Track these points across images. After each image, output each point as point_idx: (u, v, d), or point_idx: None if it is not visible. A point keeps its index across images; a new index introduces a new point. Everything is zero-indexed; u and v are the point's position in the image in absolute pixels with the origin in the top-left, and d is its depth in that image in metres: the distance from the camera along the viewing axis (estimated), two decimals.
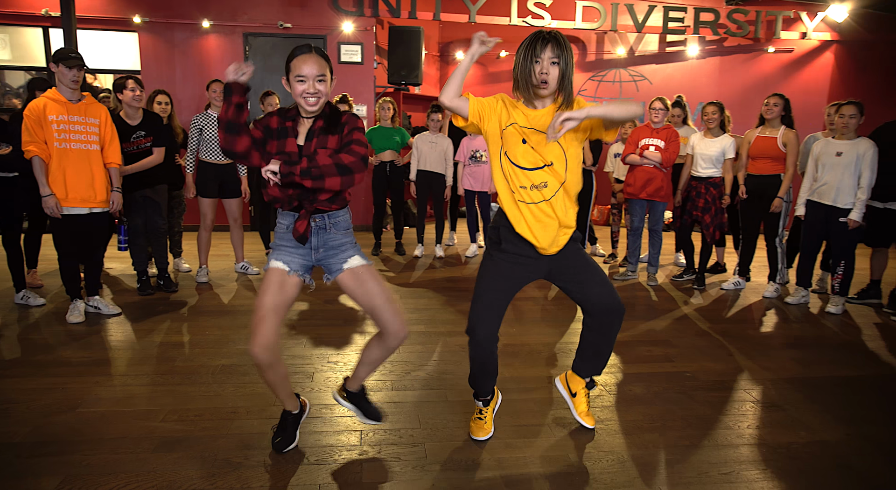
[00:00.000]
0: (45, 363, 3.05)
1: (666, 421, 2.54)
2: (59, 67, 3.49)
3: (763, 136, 4.58)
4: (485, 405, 2.39)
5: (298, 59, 1.96)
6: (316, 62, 1.96)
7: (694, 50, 8.17)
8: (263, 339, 1.99)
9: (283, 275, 2.06)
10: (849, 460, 2.26)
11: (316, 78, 1.96)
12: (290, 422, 2.26)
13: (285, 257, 2.09)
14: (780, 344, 3.59)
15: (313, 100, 1.98)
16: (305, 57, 1.96)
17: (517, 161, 2.10)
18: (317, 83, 1.96)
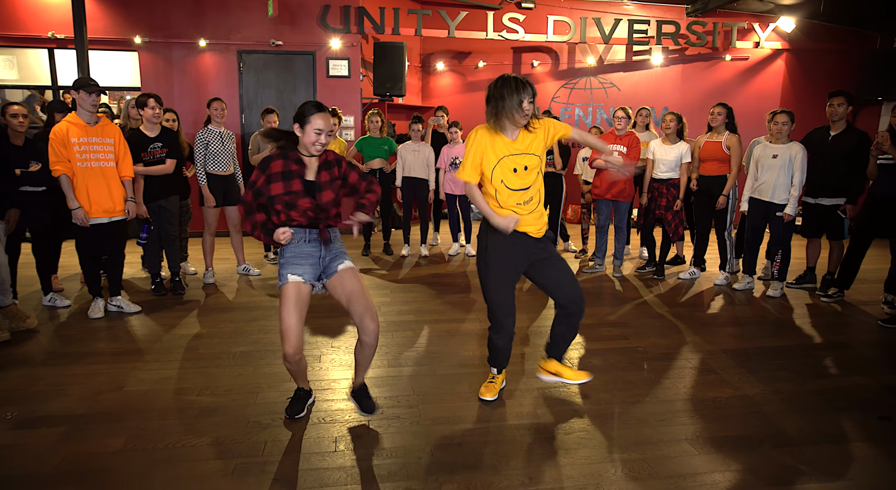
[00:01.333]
0: (83, 353, 3.50)
1: (618, 385, 3.08)
2: (79, 94, 3.94)
3: (710, 141, 5.16)
4: (498, 372, 2.95)
5: (319, 115, 2.45)
6: (328, 119, 2.48)
7: (658, 58, 8.78)
8: (294, 343, 2.44)
9: (300, 286, 2.49)
10: (761, 408, 2.82)
11: (327, 132, 2.49)
12: (302, 396, 2.76)
13: (299, 270, 2.52)
14: (722, 323, 4.15)
15: (320, 147, 2.50)
16: (325, 115, 2.46)
17: (511, 186, 2.66)
18: (327, 136, 2.49)
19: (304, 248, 2.55)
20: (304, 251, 2.55)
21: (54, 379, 3.13)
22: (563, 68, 9.03)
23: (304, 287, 2.50)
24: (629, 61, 8.93)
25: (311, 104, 2.47)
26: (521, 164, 2.65)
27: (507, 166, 2.64)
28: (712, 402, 2.88)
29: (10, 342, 3.65)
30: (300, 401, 2.75)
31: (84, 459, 2.37)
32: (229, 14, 7.20)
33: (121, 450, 2.44)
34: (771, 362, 3.39)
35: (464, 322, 4.11)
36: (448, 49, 9.22)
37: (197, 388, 3.03)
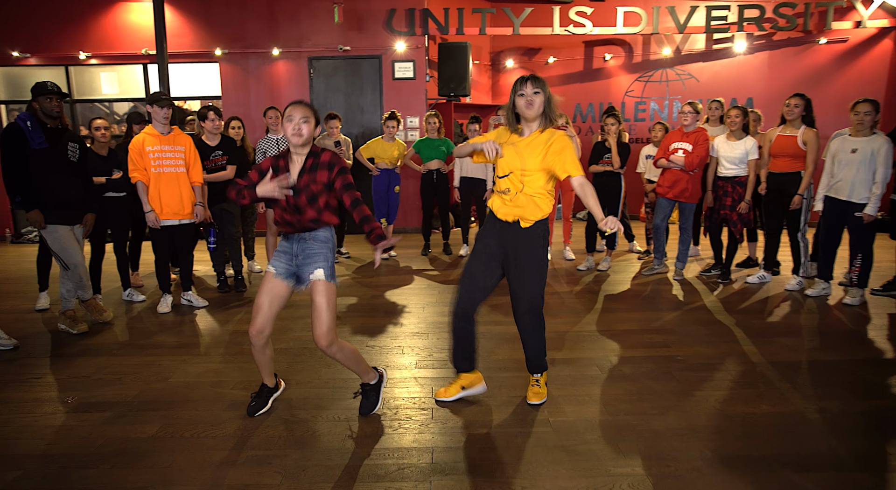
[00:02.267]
0: (145, 345, 3.84)
1: (642, 395, 2.95)
2: (153, 108, 4.32)
3: (783, 135, 4.78)
4: (458, 372, 2.96)
5: (290, 107, 2.54)
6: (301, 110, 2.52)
7: (741, 46, 8.22)
8: (259, 325, 2.64)
9: (271, 276, 2.65)
10: (795, 427, 2.60)
11: (301, 119, 2.51)
12: (265, 393, 2.88)
13: (275, 263, 2.68)
14: (780, 332, 3.85)
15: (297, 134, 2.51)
16: (298, 105, 2.54)
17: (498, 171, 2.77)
18: (302, 124, 2.51)
19: (282, 243, 2.69)
20: (282, 246, 2.68)
21: (115, 368, 3.46)
22: (638, 61, 8.68)
23: (275, 278, 2.63)
24: (709, 50, 8.43)
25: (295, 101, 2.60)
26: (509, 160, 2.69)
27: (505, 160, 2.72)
28: (741, 417, 2.69)
29: (88, 333, 4.06)
30: (262, 398, 2.87)
31: (120, 442, 2.61)
32: (300, 23, 7.55)
33: (153, 436, 2.66)
34: (822, 377, 3.11)
35: (500, 325, 4.08)
36: (518, 46, 9.13)
37: (232, 381, 3.24)
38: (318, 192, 2.56)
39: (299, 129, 2.51)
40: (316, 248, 2.61)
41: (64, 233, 3.97)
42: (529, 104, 2.61)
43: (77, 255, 4.00)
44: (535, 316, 2.77)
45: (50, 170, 3.90)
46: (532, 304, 2.74)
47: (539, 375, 2.91)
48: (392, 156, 6.22)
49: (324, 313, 2.55)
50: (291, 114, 2.52)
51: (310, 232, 2.61)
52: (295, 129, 2.50)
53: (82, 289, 4.14)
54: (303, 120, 2.51)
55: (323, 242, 2.62)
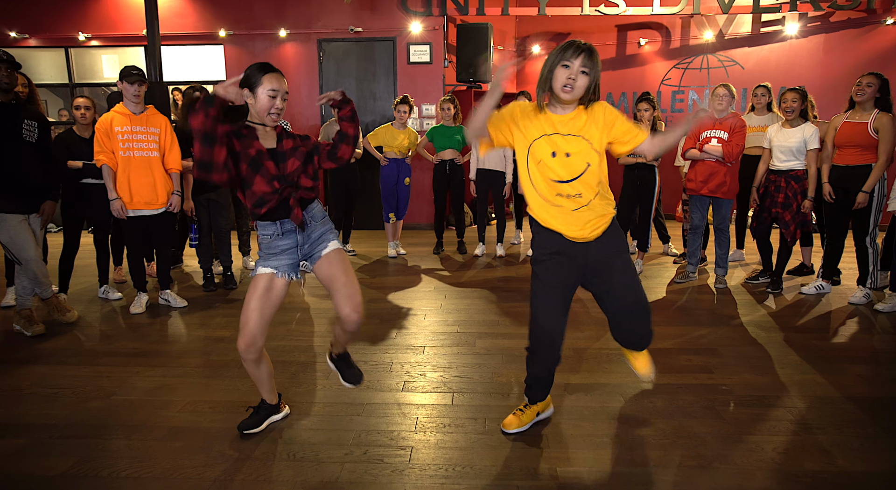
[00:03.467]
0: (101, 353, 3.35)
1: (678, 438, 2.33)
2: (123, 84, 3.83)
3: (851, 122, 4.05)
4: (531, 402, 2.41)
5: (271, 75, 2.08)
6: (284, 81, 2.13)
7: (793, 28, 7.41)
8: (249, 337, 2.18)
9: (271, 279, 2.19)
10: None
11: (283, 95, 2.11)
12: (264, 410, 2.42)
13: (273, 262, 2.20)
14: (850, 357, 3.16)
15: (277, 115, 2.13)
16: (278, 76, 2.10)
17: (549, 174, 2.10)
18: (283, 100, 2.12)
19: (277, 242, 2.19)
20: (279, 246, 2.19)
21: (55, 381, 2.97)
22: (676, 46, 7.94)
23: (276, 280, 2.20)
24: (756, 34, 7.64)
25: (257, 66, 2.11)
26: (564, 148, 2.06)
27: (545, 149, 2.08)
28: (812, 478, 2.05)
29: (45, 336, 3.61)
30: (259, 415, 2.41)
31: (21, 482, 2.10)
32: (309, 2, 7.05)
33: (62, 474, 2.15)
34: None
35: (511, 338, 3.49)
36: (545, 30, 8.47)
37: (183, 401, 2.72)
38: (307, 156, 2.21)
39: (282, 108, 2.14)
40: (319, 228, 2.25)
41: (15, 223, 3.51)
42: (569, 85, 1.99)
43: (29, 248, 3.53)
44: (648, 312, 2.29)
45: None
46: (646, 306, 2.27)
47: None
48: (402, 144, 5.65)
49: (352, 280, 2.21)
50: (276, 86, 2.09)
51: (306, 208, 2.21)
52: (279, 108, 2.12)
53: (39, 286, 3.67)
54: (283, 96, 2.13)
55: (322, 219, 2.28)
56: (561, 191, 2.09)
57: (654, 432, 2.37)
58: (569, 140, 2.07)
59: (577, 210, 2.09)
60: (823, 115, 5.61)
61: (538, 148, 2.09)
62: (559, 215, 2.11)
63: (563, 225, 2.11)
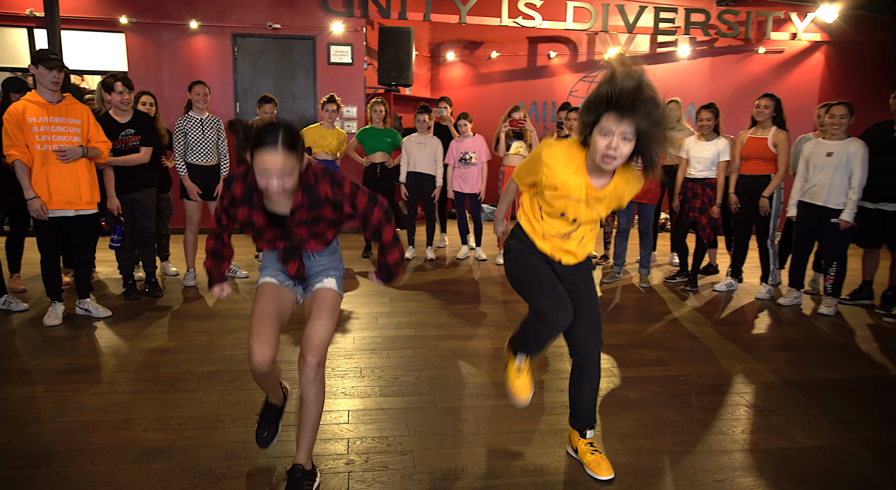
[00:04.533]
0: (24, 371, 2.98)
1: (659, 426, 2.50)
2: (38, 69, 3.43)
3: (754, 137, 4.56)
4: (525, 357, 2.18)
5: (265, 153, 1.71)
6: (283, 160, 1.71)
7: (685, 50, 8.17)
8: (264, 352, 1.89)
9: (274, 286, 2.04)
10: (845, 466, 2.23)
11: (280, 175, 1.73)
12: (273, 415, 2.21)
13: (277, 275, 2.05)
14: (772, 346, 3.56)
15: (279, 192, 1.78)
16: (273, 154, 1.70)
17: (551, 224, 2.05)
18: (285, 179, 1.75)
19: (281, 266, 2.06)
20: (284, 270, 2.06)
21: None
22: (582, 60, 8.45)
23: (282, 287, 2.03)
24: (653, 53, 8.34)
25: (262, 130, 1.72)
26: (575, 214, 1.99)
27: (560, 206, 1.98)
28: (781, 454, 2.30)
29: None
30: (272, 423, 2.18)
31: None
32: None
33: None
34: (844, 401, 2.80)
35: (472, 339, 3.54)
36: (459, 38, 8.67)
37: (146, 419, 2.49)
38: (322, 230, 1.97)
39: (280, 187, 1.75)
40: (323, 262, 2.07)
41: None
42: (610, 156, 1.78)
43: None
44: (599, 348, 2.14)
45: None
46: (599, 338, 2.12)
47: (592, 433, 2.21)
48: (331, 145, 5.51)
49: (326, 319, 1.94)
50: (265, 166, 1.71)
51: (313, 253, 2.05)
52: (276, 188, 1.74)
53: None
54: (285, 174, 1.73)
55: (331, 255, 2.08)
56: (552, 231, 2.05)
57: (635, 423, 2.53)
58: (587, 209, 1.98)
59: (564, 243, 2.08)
60: None
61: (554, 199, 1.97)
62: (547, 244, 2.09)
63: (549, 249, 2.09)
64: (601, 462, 2.11)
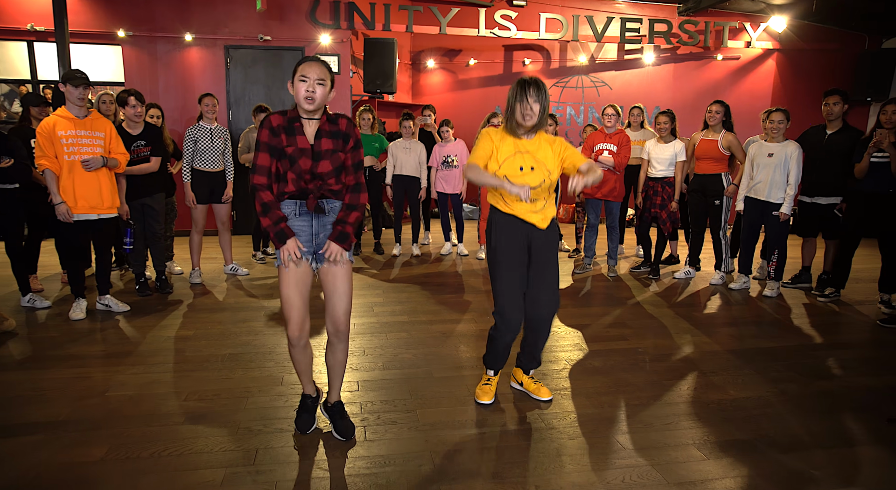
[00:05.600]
0: (64, 357, 3.36)
1: (620, 387, 3.00)
2: (66, 87, 3.81)
3: (706, 139, 5.11)
4: (494, 374, 2.88)
5: (304, 64, 2.22)
6: (319, 69, 2.22)
7: (650, 57, 8.75)
8: (298, 322, 2.32)
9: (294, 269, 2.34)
10: (766, 411, 2.75)
11: (316, 81, 2.20)
12: (311, 405, 2.55)
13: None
14: (720, 323, 4.10)
15: (310, 100, 2.20)
16: (313, 63, 2.23)
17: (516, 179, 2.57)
18: (317, 85, 2.20)
19: (294, 222, 2.34)
20: (297, 224, 2.34)
21: (33, 384, 2.99)
22: (555, 67, 8.98)
23: (301, 263, 2.31)
24: (621, 60, 8.89)
25: (307, 56, 2.30)
26: (528, 163, 2.59)
27: (514, 164, 2.58)
28: (717, 404, 2.81)
29: None
30: (309, 411, 2.55)
31: (62, 470, 2.24)
32: (215, 8, 7.05)
33: (102, 459, 2.31)
34: (773, 363, 3.33)
35: (459, 323, 4.01)
36: (439, 46, 9.13)
37: (184, 392, 2.90)
38: (338, 167, 2.31)
39: (313, 91, 2.20)
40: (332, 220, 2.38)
41: None
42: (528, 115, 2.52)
43: None
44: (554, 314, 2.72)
45: None
46: (556, 302, 2.70)
47: (533, 371, 2.94)
48: None
49: (346, 294, 2.36)
50: (306, 73, 2.20)
51: (329, 200, 2.34)
52: (310, 91, 2.20)
53: None
54: (318, 81, 2.21)
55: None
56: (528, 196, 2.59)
57: (600, 385, 3.02)
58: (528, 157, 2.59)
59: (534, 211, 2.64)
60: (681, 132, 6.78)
61: (508, 165, 2.57)
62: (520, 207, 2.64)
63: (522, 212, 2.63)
64: (541, 388, 2.88)
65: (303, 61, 2.24)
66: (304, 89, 2.20)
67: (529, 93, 2.51)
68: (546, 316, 2.68)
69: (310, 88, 2.20)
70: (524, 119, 2.54)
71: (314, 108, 2.24)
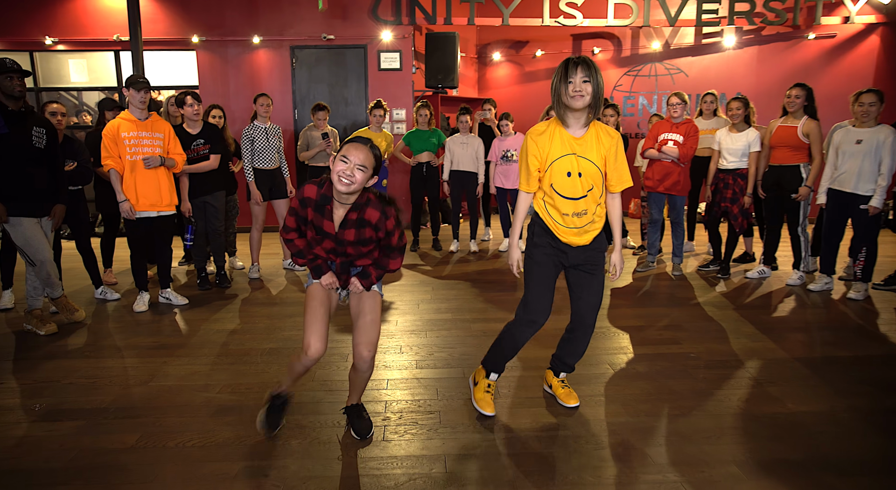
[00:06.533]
0: (121, 347, 3.55)
1: (661, 394, 2.78)
2: (129, 91, 4.03)
3: (784, 126, 4.67)
4: (496, 378, 2.70)
5: (352, 146, 2.12)
6: (364, 154, 2.10)
7: (731, 40, 8.16)
8: (317, 348, 2.21)
9: (320, 287, 2.32)
10: (827, 428, 2.45)
11: (357, 165, 2.08)
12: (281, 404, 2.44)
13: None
14: (790, 328, 3.72)
15: (347, 182, 2.09)
16: (360, 147, 2.11)
17: (562, 191, 2.39)
18: (356, 170, 2.08)
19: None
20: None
21: (88, 371, 3.17)
22: (626, 55, 8.57)
23: (328, 291, 2.34)
24: (698, 45, 8.36)
25: (358, 137, 2.19)
26: (576, 167, 2.36)
27: (563, 169, 2.37)
28: (770, 418, 2.54)
29: (58, 334, 3.76)
30: (278, 410, 2.43)
31: (95, 455, 2.34)
32: (282, 10, 7.26)
33: (133, 446, 2.40)
34: (846, 375, 2.98)
35: (502, 321, 3.85)
36: (505, 38, 8.96)
37: (219, 384, 2.98)
38: (367, 251, 2.29)
39: (352, 175, 2.08)
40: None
41: (29, 226, 3.66)
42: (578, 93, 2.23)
43: (44, 250, 3.69)
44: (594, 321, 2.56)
45: (12, 157, 3.59)
46: (597, 311, 2.53)
47: (565, 375, 2.76)
48: (380, 147, 5.96)
49: (375, 321, 2.30)
50: (349, 155, 2.08)
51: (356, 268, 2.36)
52: (347, 174, 2.08)
53: (51, 286, 3.82)
54: (359, 167, 2.09)
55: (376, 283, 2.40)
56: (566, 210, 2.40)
57: (640, 392, 2.82)
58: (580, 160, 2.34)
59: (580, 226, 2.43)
60: (761, 121, 6.28)
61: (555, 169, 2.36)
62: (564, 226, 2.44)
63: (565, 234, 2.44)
64: (570, 394, 2.69)
65: (351, 141, 2.14)
66: (342, 171, 2.09)
67: (577, 71, 2.22)
68: (589, 321, 2.52)
69: (348, 172, 2.08)
70: (572, 100, 2.24)
71: (348, 193, 2.14)
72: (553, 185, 2.39)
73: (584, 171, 2.37)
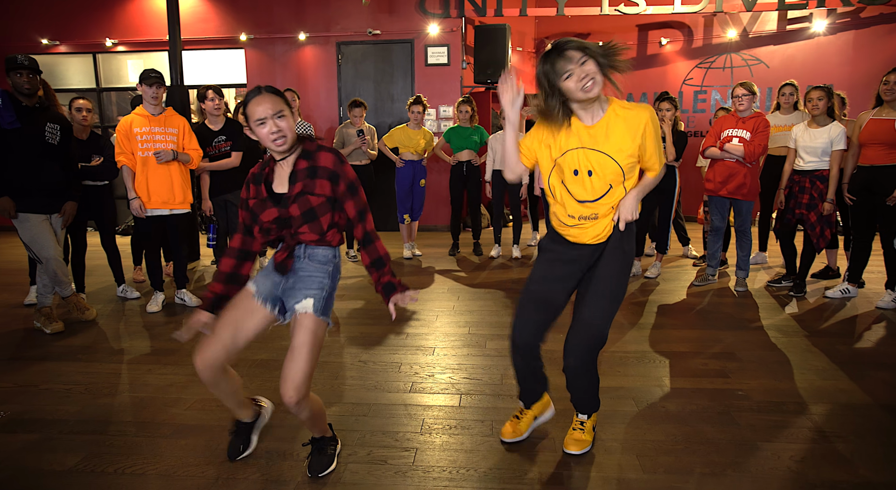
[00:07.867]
0: (116, 350, 3.39)
1: (692, 444, 2.26)
2: (141, 86, 3.90)
3: (878, 119, 3.92)
4: (525, 407, 2.33)
5: (252, 103, 1.84)
6: (269, 101, 1.84)
7: (821, 25, 7.23)
8: (207, 356, 1.92)
9: (249, 296, 1.99)
10: None
11: (273, 116, 1.83)
12: (243, 430, 2.23)
13: (258, 280, 2.01)
14: (875, 363, 3.04)
15: (279, 139, 1.84)
16: (258, 99, 1.84)
17: (573, 192, 2.02)
18: (277, 121, 1.83)
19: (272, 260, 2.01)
20: (271, 264, 2.01)
21: (71, 377, 3.01)
22: (698, 45, 7.81)
23: (253, 301, 1.97)
24: (782, 31, 7.47)
25: (246, 93, 1.89)
26: (585, 164, 1.96)
27: (570, 165, 1.98)
28: (830, 488, 1.96)
29: (63, 334, 3.67)
30: (239, 435, 2.22)
31: (28, 477, 2.12)
32: (328, 6, 7.10)
33: (69, 469, 2.16)
34: None
35: None
36: (564, 31, 8.38)
37: (191, 399, 2.73)
38: (317, 205, 1.90)
39: (279, 130, 1.83)
40: (310, 269, 1.96)
41: (36, 222, 3.58)
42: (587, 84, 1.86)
43: (50, 247, 3.60)
44: (600, 345, 2.08)
45: (24, 152, 3.52)
46: (603, 333, 2.06)
47: (587, 417, 2.24)
48: (418, 145, 5.64)
49: (301, 358, 1.85)
50: (256, 114, 1.82)
51: (306, 248, 1.97)
52: (274, 131, 1.83)
53: (59, 285, 3.74)
54: (277, 116, 1.83)
55: (321, 264, 1.97)
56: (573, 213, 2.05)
57: (665, 438, 2.30)
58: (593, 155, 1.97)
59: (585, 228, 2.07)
60: (854, 115, 5.46)
61: (564, 163, 2.01)
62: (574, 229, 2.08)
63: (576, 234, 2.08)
64: (573, 438, 2.20)
65: (248, 100, 1.86)
66: (267, 133, 1.84)
67: (568, 56, 1.85)
68: (585, 346, 2.05)
69: (272, 128, 1.83)
70: (587, 92, 1.87)
71: (288, 148, 1.89)
72: (564, 182, 2.02)
73: (596, 168, 1.95)
